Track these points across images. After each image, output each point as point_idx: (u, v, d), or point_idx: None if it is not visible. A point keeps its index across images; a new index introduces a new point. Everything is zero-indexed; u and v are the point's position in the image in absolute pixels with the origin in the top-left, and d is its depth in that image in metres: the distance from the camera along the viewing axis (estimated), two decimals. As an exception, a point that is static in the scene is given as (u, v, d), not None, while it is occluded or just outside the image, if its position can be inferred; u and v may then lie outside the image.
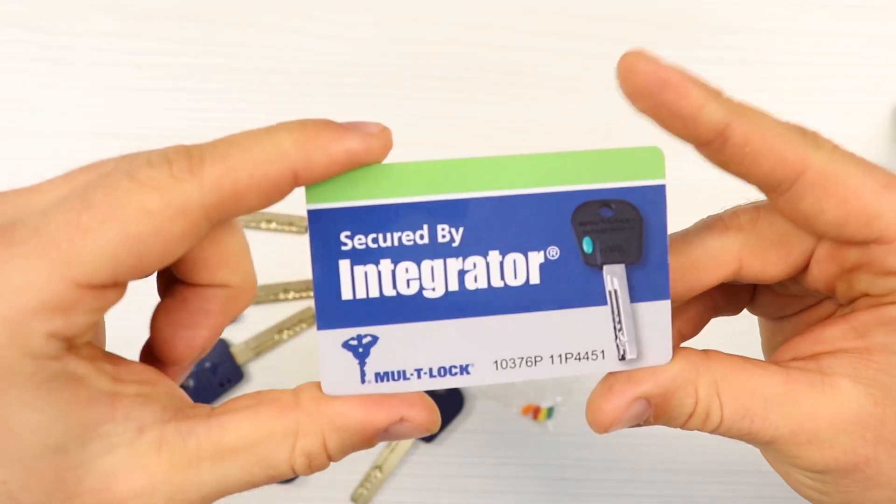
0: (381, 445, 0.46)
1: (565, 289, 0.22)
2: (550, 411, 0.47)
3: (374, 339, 0.22)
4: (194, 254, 0.22)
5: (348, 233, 0.22)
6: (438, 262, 0.22)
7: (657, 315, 0.23)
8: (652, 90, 0.21)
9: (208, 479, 0.20)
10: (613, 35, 0.52)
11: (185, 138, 0.21)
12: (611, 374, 0.23)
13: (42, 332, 0.18)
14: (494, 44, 0.52)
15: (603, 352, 0.23)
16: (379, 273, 0.22)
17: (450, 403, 0.47)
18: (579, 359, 0.23)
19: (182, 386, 0.51)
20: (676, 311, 0.27)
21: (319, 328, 0.22)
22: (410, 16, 0.52)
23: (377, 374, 0.22)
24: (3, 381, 0.19)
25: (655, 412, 0.23)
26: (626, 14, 0.53)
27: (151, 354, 0.23)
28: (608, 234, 0.22)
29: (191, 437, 0.20)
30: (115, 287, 0.20)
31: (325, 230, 0.22)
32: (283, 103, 0.51)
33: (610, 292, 0.23)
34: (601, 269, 0.23)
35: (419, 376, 0.22)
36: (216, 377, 0.47)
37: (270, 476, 0.21)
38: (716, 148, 0.22)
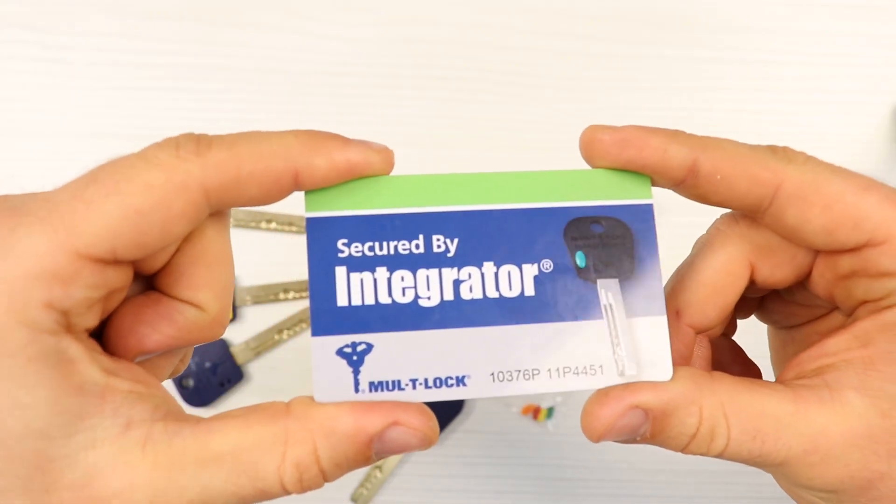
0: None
1: (560, 302, 0.23)
2: (550, 411, 0.47)
3: (369, 346, 0.22)
4: (184, 267, 0.22)
5: (345, 240, 0.22)
6: (434, 272, 0.22)
7: (654, 331, 0.23)
8: (614, 152, 0.22)
9: (192, 484, 0.20)
10: (613, 35, 0.52)
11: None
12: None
13: (40, 300, 0.18)
14: (494, 44, 0.52)
15: (602, 367, 0.23)
16: (375, 280, 0.22)
17: (450, 404, 0.47)
18: (577, 373, 0.22)
19: (182, 386, 0.51)
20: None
21: (314, 334, 0.22)
22: (410, 16, 0.52)
23: (371, 384, 0.22)
24: None
25: (653, 429, 0.22)
26: (626, 14, 0.53)
27: (98, 341, 0.23)
28: (600, 249, 0.23)
29: (177, 438, 0.20)
30: (115, 265, 0.20)
31: (322, 237, 0.22)
32: (283, 103, 0.51)
33: (605, 306, 0.23)
34: (595, 283, 0.23)
35: (414, 387, 0.22)
36: (216, 377, 0.47)
37: (258, 490, 0.20)
38: (691, 184, 0.23)
